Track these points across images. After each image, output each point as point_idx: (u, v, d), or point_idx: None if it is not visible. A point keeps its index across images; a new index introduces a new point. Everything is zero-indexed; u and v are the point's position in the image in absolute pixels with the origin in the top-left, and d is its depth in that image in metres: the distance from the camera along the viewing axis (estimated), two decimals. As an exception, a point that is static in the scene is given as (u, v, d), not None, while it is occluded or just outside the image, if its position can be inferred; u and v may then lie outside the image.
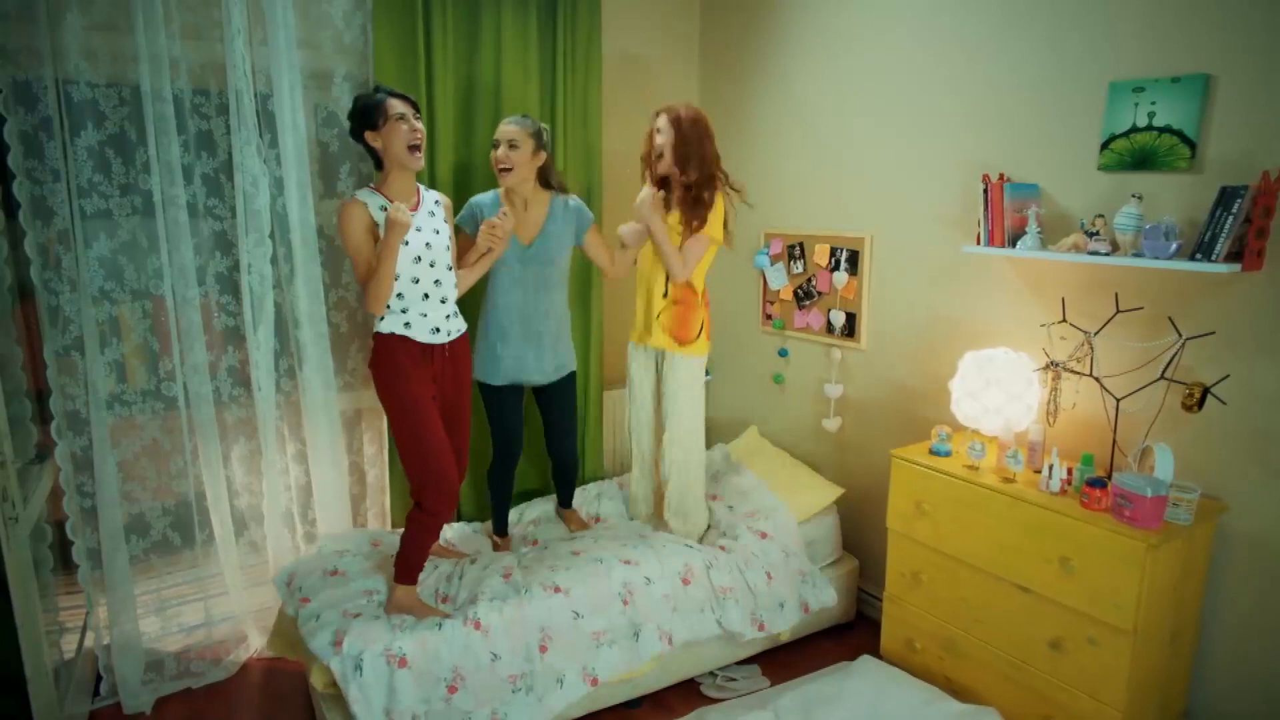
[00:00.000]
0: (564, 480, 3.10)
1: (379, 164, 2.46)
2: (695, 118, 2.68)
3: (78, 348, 2.52)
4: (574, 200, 2.84)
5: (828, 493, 3.07)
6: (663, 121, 2.69)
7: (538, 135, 2.66)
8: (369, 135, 2.39)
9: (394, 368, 2.44)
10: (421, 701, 2.22)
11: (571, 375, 2.94)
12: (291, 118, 2.69)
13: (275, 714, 2.65)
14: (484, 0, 2.98)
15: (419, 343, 2.46)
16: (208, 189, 2.70)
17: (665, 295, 2.79)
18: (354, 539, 2.81)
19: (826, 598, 2.88)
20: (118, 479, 2.63)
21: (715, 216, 2.70)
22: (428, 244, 2.44)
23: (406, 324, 2.44)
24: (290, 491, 2.98)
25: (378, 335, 2.46)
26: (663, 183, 2.77)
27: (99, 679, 2.70)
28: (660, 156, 2.69)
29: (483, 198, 2.79)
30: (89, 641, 2.71)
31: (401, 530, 2.56)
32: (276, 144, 2.70)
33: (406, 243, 2.38)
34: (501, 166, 2.65)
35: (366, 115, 2.37)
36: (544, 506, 3.20)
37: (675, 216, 2.74)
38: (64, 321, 2.51)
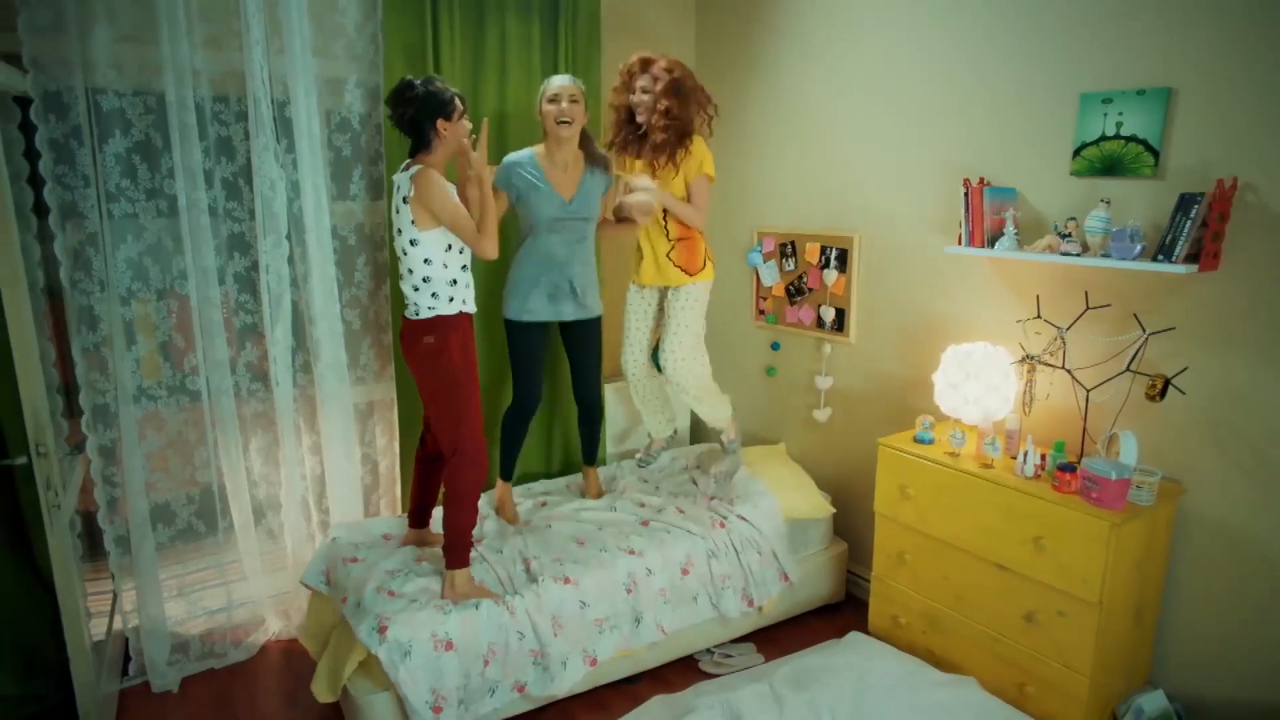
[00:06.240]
0: (589, 427, 3.25)
1: (420, 149, 2.49)
2: (688, 76, 2.88)
3: (106, 345, 2.64)
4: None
5: (818, 507, 3.17)
6: (646, 81, 2.85)
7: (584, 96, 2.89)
8: (440, 123, 2.46)
9: (467, 352, 2.54)
10: (462, 676, 2.39)
11: (599, 320, 3.14)
12: (307, 123, 2.81)
13: (295, 691, 2.80)
14: (489, 11, 3.11)
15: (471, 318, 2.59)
16: (227, 193, 2.83)
17: (669, 237, 3.00)
18: (364, 532, 2.90)
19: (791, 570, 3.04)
20: (144, 470, 2.75)
21: (706, 156, 2.94)
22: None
23: (464, 300, 2.56)
24: (306, 481, 3.11)
25: (442, 318, 2.50)
26: (625, 129, 2.97)
27: (127, 660, 2.84)
28: (651, 110, 2.85)
29: (518, 155, 2.92)
30: (117, 624, 2.85)
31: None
32: (293, 149, 2.82)
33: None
34: (563, 119, 2.82)
35: (443, 106, 2.46)
36: (548, 485, 3.38)
37: (641, 163, 2.96)
38: (93, 320, 2.63)
